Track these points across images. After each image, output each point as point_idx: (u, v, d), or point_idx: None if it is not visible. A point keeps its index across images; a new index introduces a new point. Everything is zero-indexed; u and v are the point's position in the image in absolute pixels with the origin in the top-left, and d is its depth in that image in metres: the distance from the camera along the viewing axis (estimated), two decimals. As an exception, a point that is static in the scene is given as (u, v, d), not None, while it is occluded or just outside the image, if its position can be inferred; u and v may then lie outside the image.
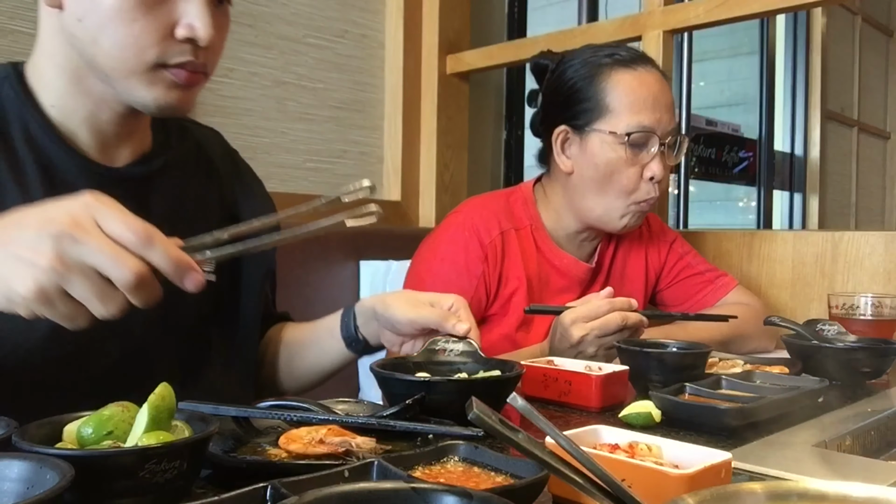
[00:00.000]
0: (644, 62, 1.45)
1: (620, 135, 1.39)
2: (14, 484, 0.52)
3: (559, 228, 1.53)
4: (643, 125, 1.40)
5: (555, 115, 1.50)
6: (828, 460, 0.80)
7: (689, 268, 1.64)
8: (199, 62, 0.90)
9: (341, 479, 0.55)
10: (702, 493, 0.44)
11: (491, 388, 0.88)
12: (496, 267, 1.44)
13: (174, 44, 0.88)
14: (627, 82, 1.41)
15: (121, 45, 0.87)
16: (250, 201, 1.15)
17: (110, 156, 0.98)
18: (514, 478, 0.60)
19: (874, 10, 5.51)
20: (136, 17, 0.86)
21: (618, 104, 1.41)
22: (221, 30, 0.94)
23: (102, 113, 0.95)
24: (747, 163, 4.73)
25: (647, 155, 1.41)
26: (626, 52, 1.46)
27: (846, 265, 1.70)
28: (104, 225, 0.66)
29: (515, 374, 0.91)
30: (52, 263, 0.64)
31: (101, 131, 0.96)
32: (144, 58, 0.87)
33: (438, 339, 1.01)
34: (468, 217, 1.47)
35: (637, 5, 2.03)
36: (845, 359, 1.20)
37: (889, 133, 5.82)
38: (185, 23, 0.87)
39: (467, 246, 1.43)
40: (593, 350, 1.22)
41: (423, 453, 0.63)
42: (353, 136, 2.18)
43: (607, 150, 1.41)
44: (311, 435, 0.72)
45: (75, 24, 0.88)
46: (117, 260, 0.65)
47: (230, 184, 1.15)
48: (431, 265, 1.46)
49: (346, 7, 2.14)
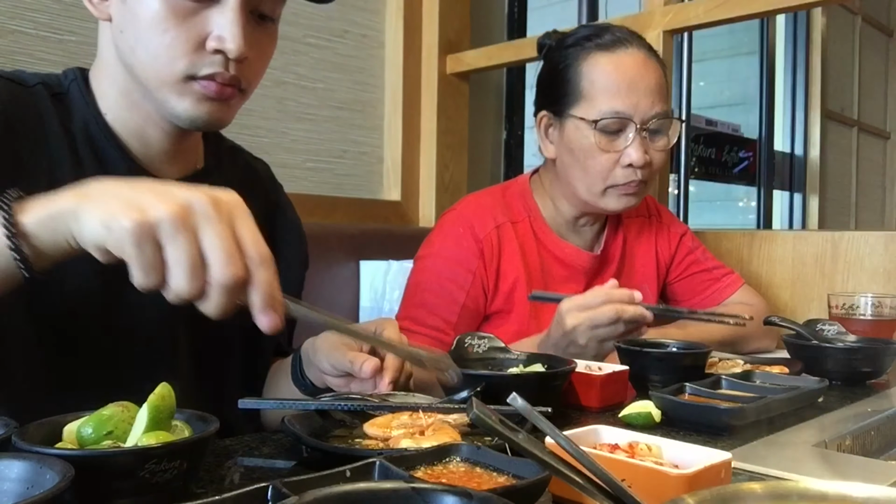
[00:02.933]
0: (625, 44, 1.41)
1: (590, 121, 1.38)
2: (14, 484, 0.52)
3: (558, 216, 1.52)
4: (616, 111, 1.37)
5: (540, 99, 1.49)
6: (828, 460, 0.80)
7: (697, 263, 1.63)
8: (230, 75, 0.90)
9: (342, 478, 0.55)
10: (702, 493, 0.44)
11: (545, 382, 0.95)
12: (493, 261, 1.43)
13: (205, 55, 0.89)
14: (602, 66, 1.39)
15: (153, 55, 0.89)
16: (289, 238, 1.17)
17: (162, 171, 1.00)
18: (515, 478, 0.60)
19: (874, 10, 5.50)
20: (168, 27, 0.87)
21: (591, 89, 1.39)
22: (261, 46, 0.95)
23: (150, 128, 0.97)
24: (747, 163, 4.73)
25: (624, 141, 1.38)
26: (609, 34, 1.42)
27: (846, 265, 1.70)
28: (236, 224, 0.67)
29: (568, 369, 0.97)
30: (173, 210, 0.63)
31: (149, 146, 0.98)
32: (175, 68, 0.89)
33: (466, 337, 1.07)
34: (462, 213, 1.47)
35: (637, 5, 2.03)
36: (845, 359, 1.20)
37: (889, 133, 5.82)
38: (216, 34, 0.88)
39: (461, 242, 1.43)
40: (584, 341, 1.18)
41: (424, 453, 0.63)
42: (353, 136, 2.18)
43: (580, 137, 1.40)
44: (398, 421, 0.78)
45: (119, 35, 0.91)
46: (231, 255, 0.64)
47: (271, 213, 1.16)
48: (427, 263, 1.46)
49: (346, 7, 2.14)
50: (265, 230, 1.13)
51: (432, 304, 1.42)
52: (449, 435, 0.73)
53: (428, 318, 1.41)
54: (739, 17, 1.78)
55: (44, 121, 0.92)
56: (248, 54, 0.90)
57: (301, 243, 1.21)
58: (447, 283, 1.42)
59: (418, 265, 1.48)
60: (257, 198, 1.14)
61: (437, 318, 1.40)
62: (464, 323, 1.41)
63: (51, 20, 1.58)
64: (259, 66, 0.97)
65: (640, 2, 1.96)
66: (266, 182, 1.20)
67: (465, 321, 1.41)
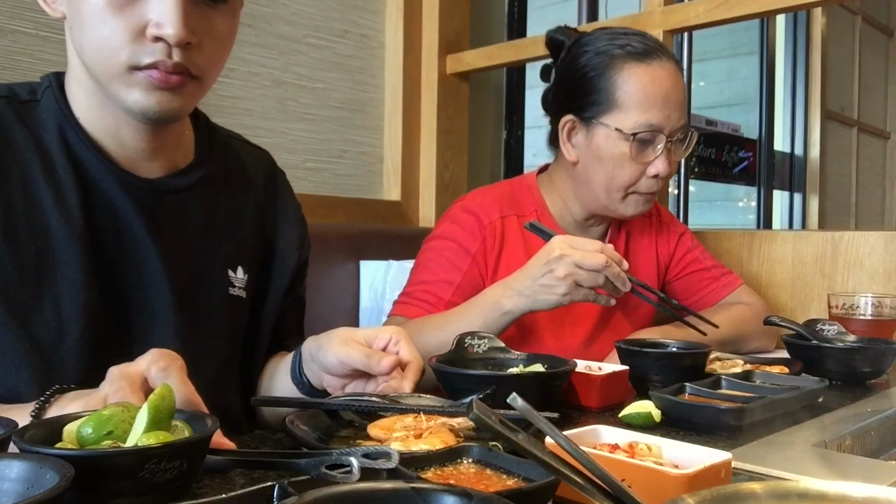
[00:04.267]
0: (658, 55, 1.41)
1: (626, 133, 1.38)
2: (14, 484, 0.52)
3: (566, 214, 1.53)
4: (651, 124, 1.38)
5: (564, 101, 1.48)
6: (828, 460, 0.80)
7: (695, 262, 1.63)
8: (172, 62, 0.87)
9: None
10: (702, 493, 0.44)
11: (545, 382, 0.96)
12: (494, 248, 1.43)
13: (146, 44, 0.86)
14: (639, 78, 1.39)
15: (98, 48, 0.87)
16: (286, 224, 1.17)
17: (142, 168, 0.98)
18: (525, 481, 0.59)
19: (874, 10, 5.50)
20: (107, 18, 0.85)
21: (627, 100, 1.38)
22: (213, 30, 0.91)
23: (123, 127, 0.95)
24: (747, 163, 4.73)
25: (653, 152, 1.40)
26: (640, 42, 1.42)
27: (846, 265, 1.70)
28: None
29: (568, 369, 0.98)
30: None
31: (125, 145, 0.96)
32: (118, 59, 0.86)
33: (465, 337, 1.07)
34: (471, 202, 1.49)
35: (637, 5, 2.03)
36: (845, 359, 1.20)
37: (889, 133, 5.82)
38: (155, 21, 0.85)
39: (464, 224, 1.45)
40: (563, 273, 1.19)
41: (436, 454, 0.63)
42: (353, 136, 2.18)
43: (611, 146, 1.40)
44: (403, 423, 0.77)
45: (70, 32, 0.90)
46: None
47: (268, 203, 1.15)
48: (430, 244, 1.48)
49: (346, 7, 2.14)
50: (264, 217, 1.15)
51: (428, 280, 1.43)
52: (443, 438, 0.73)
53: (421, 292, 1.42)
54: (739, 17, 1.78)
55: (7, 134, 0.91)
56: (190, 39, 0.87)
57: (298, 228, 1.19)
58: (445, 263, 1.44)
59: (423, 247, 1.50)
60: (253, 186, 1.14)
61: (429, 293, 1.41)
62: (456, 304, 1.39)
63: (51, 20, 1.56)
64: (213, 50, 0.92)
65: (640, 2, 1.96)
66: (264, 170, 1.18)
67: (457, 301, 1.39)
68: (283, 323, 1.17)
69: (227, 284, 1.05)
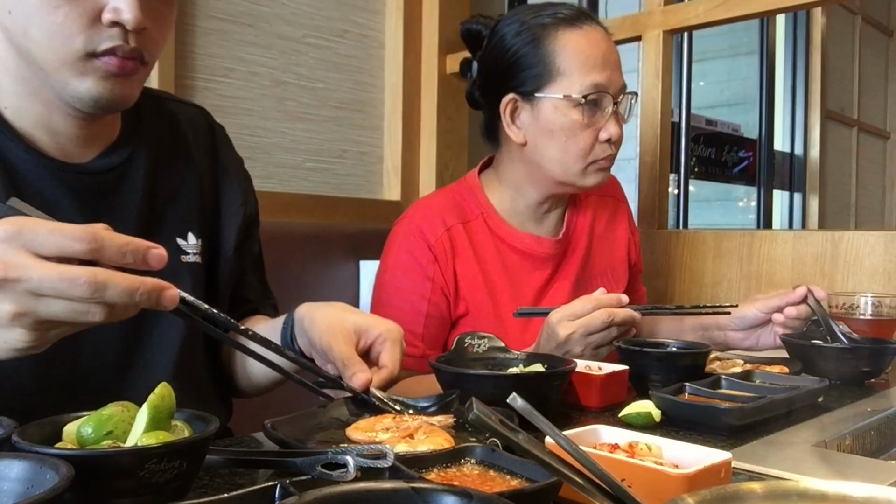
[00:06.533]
0: (587, 19, 1.39)
1: (576, 97, 1.34)
2: (14, 484, 0.52)
3: (515, 207, 1.48)
4: (597, 83, 1.34)
5: (498, 84, 1.43)
6: (828, 460, 0.80)
7: (639, 262, 1.65)
8: (130, 47, 0.86)
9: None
10: (702, 493, 0.44)
11: (545, 382, 0.95)
12: (448, 265, 1.39)
13: (102, 29, 0.84)
14: (576, 42, 1.36)
15: (48, 35, 0.84)
16: (227, 181, 1.14)
17: (73, 155, 0.95)
18: (529, 482, 0.59)
19: (874, 10, 5.51)
20: (59, 3, 0.83)
21: (568, 65, 1.35)
22: (160, 16, 0.90)
23: (55, 115, 0.92)
24: (747, 163, 4.73)
25: (602, 116, 1.36)
26: (567, 9, 1.39)
27: (846, 265, 1.70)
28: (38, 248, 0.61)
29: (568, 369, 0.96)
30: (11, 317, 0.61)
31: (56, 133, 0.93)
32: (73, 46, 0.84)
33: (465, 337, 1.07)
34: (412, 220, 1.43)
35: (637, 5, 2.03)
36: (845, 359, 1.20)
37: (889, 133, 5.83)
38: (112, 6, 0.83)
39: (413, 249, 1.40)
40: (580, 349, 1.17)
41: (439, 455, 0.63)
42: (353, 136, 2.18)
43: (561, 116, 1.36)
44: (382, 423, 0.77)
45: (6, 16, 0.86)
46: (63, 279, 0.60)
47: (209, 164, 1.12)
48: (385, 277, 1.43)
49: (346, 7, 2.14)
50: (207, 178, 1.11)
51: (395, 318, 1.39)
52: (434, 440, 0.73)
53: None
54: (739, 17, 1.78)
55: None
56: (146, 24, 0.86)
57: (241, 184, 1.16)
58: (408, 295, 1.39)
59: (377, 281, 1.45)
60: (191, 147, 1.10)
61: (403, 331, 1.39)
62: (430, 333, 1.38)
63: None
64: (159, 35, 0.91)
65: (640, 2, 1.96)
66: (202, 128, 1.15)
67: (431, 330, 1.38)
68: (244, 282, 1.16)
69: (180, 252, 1.03)
